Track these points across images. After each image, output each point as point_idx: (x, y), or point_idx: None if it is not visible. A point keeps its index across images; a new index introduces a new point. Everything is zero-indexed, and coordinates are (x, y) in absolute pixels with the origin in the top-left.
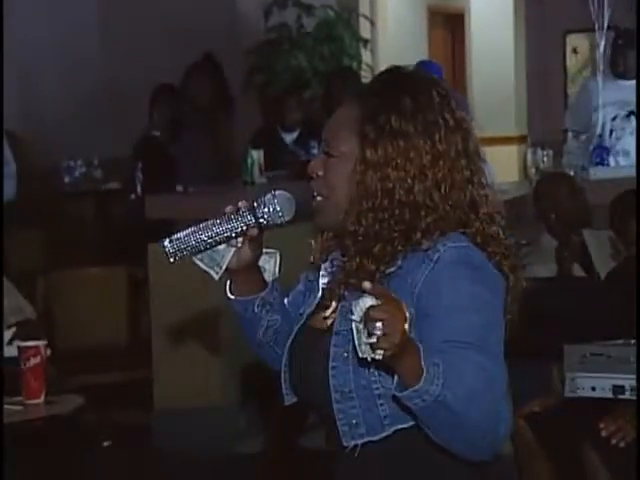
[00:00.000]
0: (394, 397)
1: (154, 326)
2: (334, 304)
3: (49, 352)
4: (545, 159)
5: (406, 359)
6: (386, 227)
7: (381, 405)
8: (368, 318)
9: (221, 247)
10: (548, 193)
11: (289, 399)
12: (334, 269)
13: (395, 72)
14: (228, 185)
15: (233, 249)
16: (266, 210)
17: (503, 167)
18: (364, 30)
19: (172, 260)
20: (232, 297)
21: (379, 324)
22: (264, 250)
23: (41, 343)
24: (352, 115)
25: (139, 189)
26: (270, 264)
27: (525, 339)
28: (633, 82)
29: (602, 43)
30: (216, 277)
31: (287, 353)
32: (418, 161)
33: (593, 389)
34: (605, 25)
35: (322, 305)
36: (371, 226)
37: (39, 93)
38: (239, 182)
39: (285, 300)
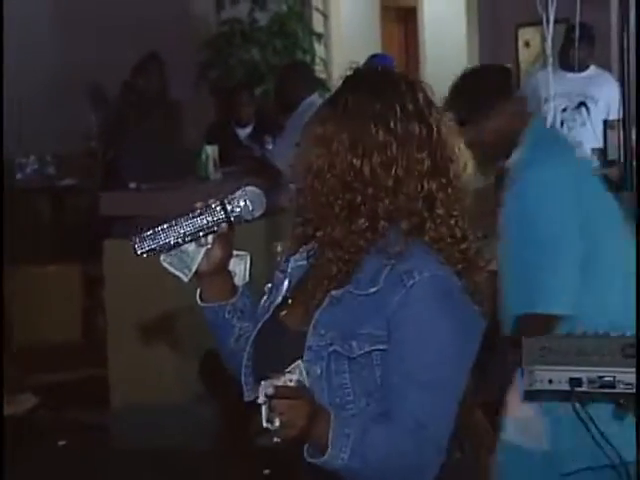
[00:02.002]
0: None
1: (110, 323)
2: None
3: None
4: None
5: (311, 436)
6: (328, 204)
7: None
8: (270, 406)
9: (190, 248)
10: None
11: (249, 395)
12: (305, 262)
13: (364, 68)
14: (182, 181)
15: (203, 250)
16: (237, 205)
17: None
18: (317, 24)
19: (141, 254)
20: (202, 303)
21: (278, 418)
22: (234, 252)
23: None
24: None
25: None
26: (240, 267)
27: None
28: (583, 74)
29: (549, 36)
30: (186, 279)
31: (251, 347)
32: (367, 142)
33: (550, 382)
34: (552, 18)
35: (293, 297)
36: (316, 203)
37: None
38: (194, 178)
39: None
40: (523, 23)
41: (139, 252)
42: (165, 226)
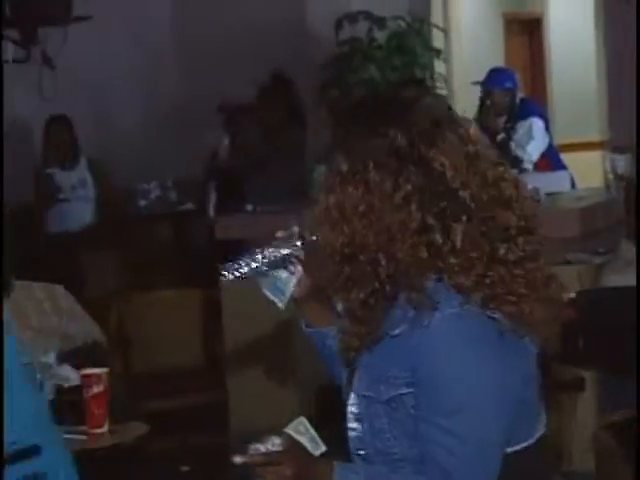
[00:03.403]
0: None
1: (228, 348)
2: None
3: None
4: (623, 164)
5: None
6: (333, 278)
7: (402, 468)
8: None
9: (284, 275)
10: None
11: None
12: None
13: (355, 105)
14: (298, 203)
15: (294, 278)
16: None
17: (587, 173)
18: (437, 40)
19: (228, 279)
20: (306, 329)
21: None
22: None
23: (103, 370)
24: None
25: (211, 211)
26: None
27: (607, 350)
28: None
29: None
30: (281, 306)
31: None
32: (351, 205)
33: None
34: None
35: None
36: (324, 277)
37: (113, 117)
38: (310, 199)
39: None
40: None
41: (225, 277)
42: (251, 254)
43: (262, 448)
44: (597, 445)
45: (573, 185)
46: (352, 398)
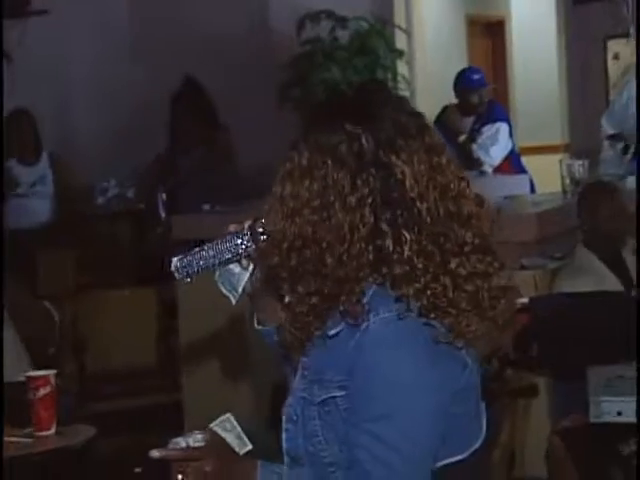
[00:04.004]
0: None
1: (183, 347)
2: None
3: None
4: (581, 169)
5: None
6: (275, 268)
7: (332, 473)
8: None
9: (236, 270)
10: (587, 203)
11: None
12: None
13: (321, 104)
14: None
15: (247, 272)
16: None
17: (548, 177)
18: (400, 41)
19: (181, 278)
20: (258, 327)
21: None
22: None
23: (51, 372)
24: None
25: (162, 211)
26: None
27: (559, 356)
28: None
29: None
30: (234, 301)
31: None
32: (304, 200)
33: (619, 414)
34: None
35: None
36: (268, 267)
37: (72, 112)
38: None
39: None
40: (612, 35)
41: (176, 276)
42: (201, 250)
43: (183, 443)
44: (549, 450)
45: (533, 189)
46: (290, 398)
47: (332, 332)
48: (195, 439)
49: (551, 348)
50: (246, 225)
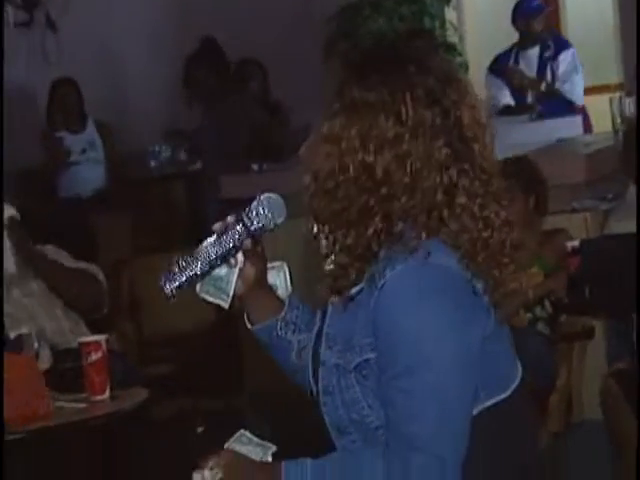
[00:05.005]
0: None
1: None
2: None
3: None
4: (632, 106)
5: None
6: (343, 209)
7: (382, 436)
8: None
9: (223, 272)
10: (630, 142)
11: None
12: None
13: (380, 46)
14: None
15: (236, 271)
16: (255, 216)
17: (604, 117)
18: None
19: (172, 295)
20: (252, 327)
21: None
22: (269, 265)
23: (101, 337)
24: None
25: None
26: (280, 279)
27: (613, 298)
28: None
29: None
30: (226, 305)
31: (312, 360)
32: (378, 135)
33: None
34: None
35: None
36: (329, 207)
37: (119, 78)
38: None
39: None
40: None
41: (168, 293)
42: (189, 258)
43: (199, 476)
44: (605, 393)
45: (590, 130)
46: (321, 371)
47: (352, 292)
48: (213, 476)
49: (604, 291)
50: (229, 219)
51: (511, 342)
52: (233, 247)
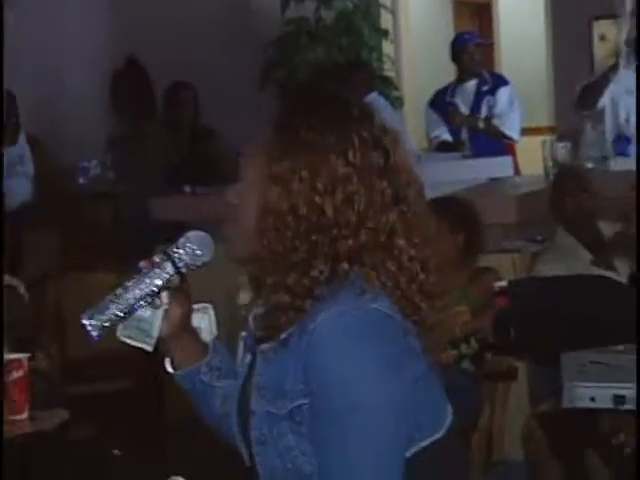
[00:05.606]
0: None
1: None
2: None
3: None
4: (563, 151)
5: None
6: (291, 249)
7: None
8: None
9: (147, 314)
10: (561, 188)
11: (248, 461)
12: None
13: (313, 90)
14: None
15: (160, 312)
16: (183, 253)
17: (533, 159)
18: (385, 21)
19: (97, 335)
20: (174, 372)
21: None
22: (195, 307)
23: (25, 355)
24: (265, 135)
25: None
26: (205, 321)
27: (537, 340)
28: None
29: (624, 29)
30: (150, 349)
31: (237, 409)
32: (327, 176)
33: (592, 399)
34: (628, 10)
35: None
36: (276, 247)
37: (56, 93)
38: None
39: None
40: (599, 16)
41: (92, 333)
42: (112, 297)
43: None
44: (527, 434)
45: (518, 172)
46: (252, 421)
47: (283, 336)
48: None
49: (529, 332)
50: (156, 259)
51: (441, 380)
52: (159, 285)
